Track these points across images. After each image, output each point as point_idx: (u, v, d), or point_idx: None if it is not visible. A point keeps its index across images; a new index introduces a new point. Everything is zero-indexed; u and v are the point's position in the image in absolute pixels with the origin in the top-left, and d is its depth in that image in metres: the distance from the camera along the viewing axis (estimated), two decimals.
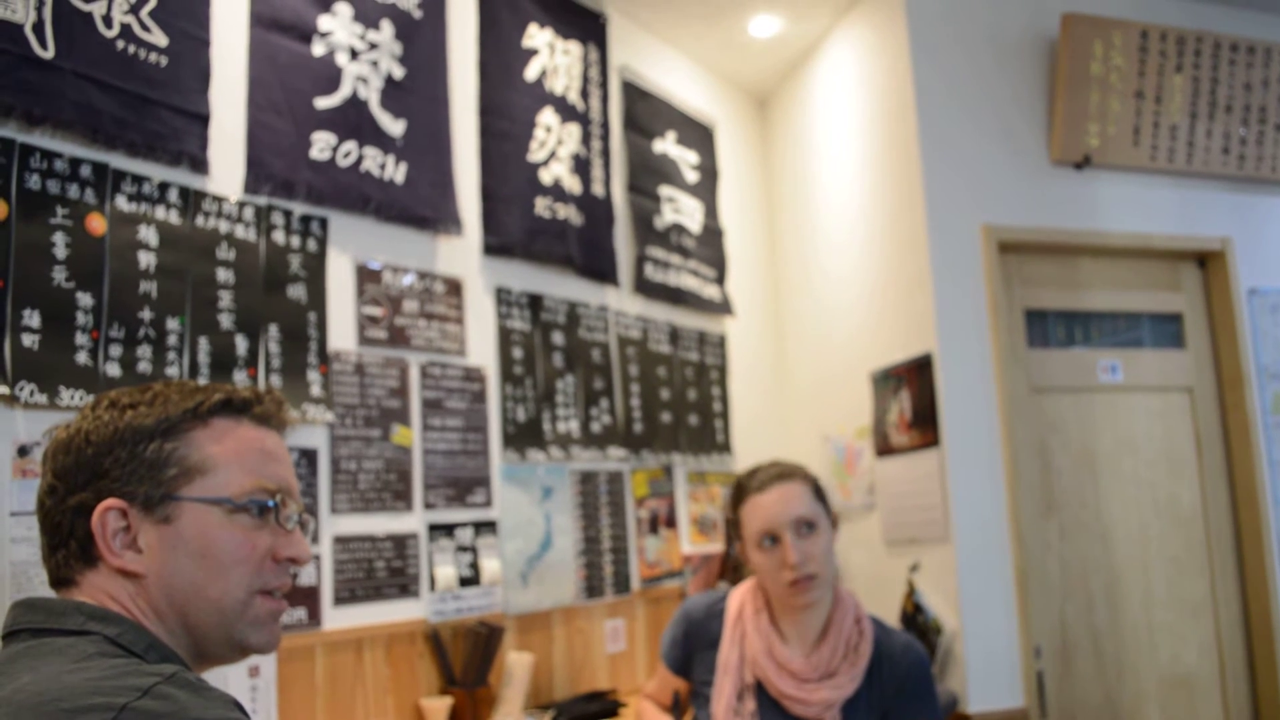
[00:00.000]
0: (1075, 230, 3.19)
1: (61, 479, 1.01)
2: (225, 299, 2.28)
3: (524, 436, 2.97)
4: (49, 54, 1.96)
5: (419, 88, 2.79)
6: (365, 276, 2.62)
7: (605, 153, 3.43)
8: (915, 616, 2.99)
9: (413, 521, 2.63)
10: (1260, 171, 3.44)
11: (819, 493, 2.05)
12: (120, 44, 2.09)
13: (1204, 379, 3.33)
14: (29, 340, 1.89)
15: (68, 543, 1.01)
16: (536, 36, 3.18)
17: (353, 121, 2.59)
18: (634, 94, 3.62)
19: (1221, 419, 3.32)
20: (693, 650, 2.16)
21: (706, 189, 3.91)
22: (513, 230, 3.01)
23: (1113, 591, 3.08)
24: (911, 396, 3.09)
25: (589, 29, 3.43)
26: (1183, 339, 3.36)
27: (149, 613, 1.00)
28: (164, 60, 2.18)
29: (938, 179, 3.07)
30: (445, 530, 2.70)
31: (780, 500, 2.00)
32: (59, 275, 1.96)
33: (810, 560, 1.96)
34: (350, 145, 2.58)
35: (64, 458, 1.02)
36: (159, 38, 2.17)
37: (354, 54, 2.61)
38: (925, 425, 3.01)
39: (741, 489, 2.07)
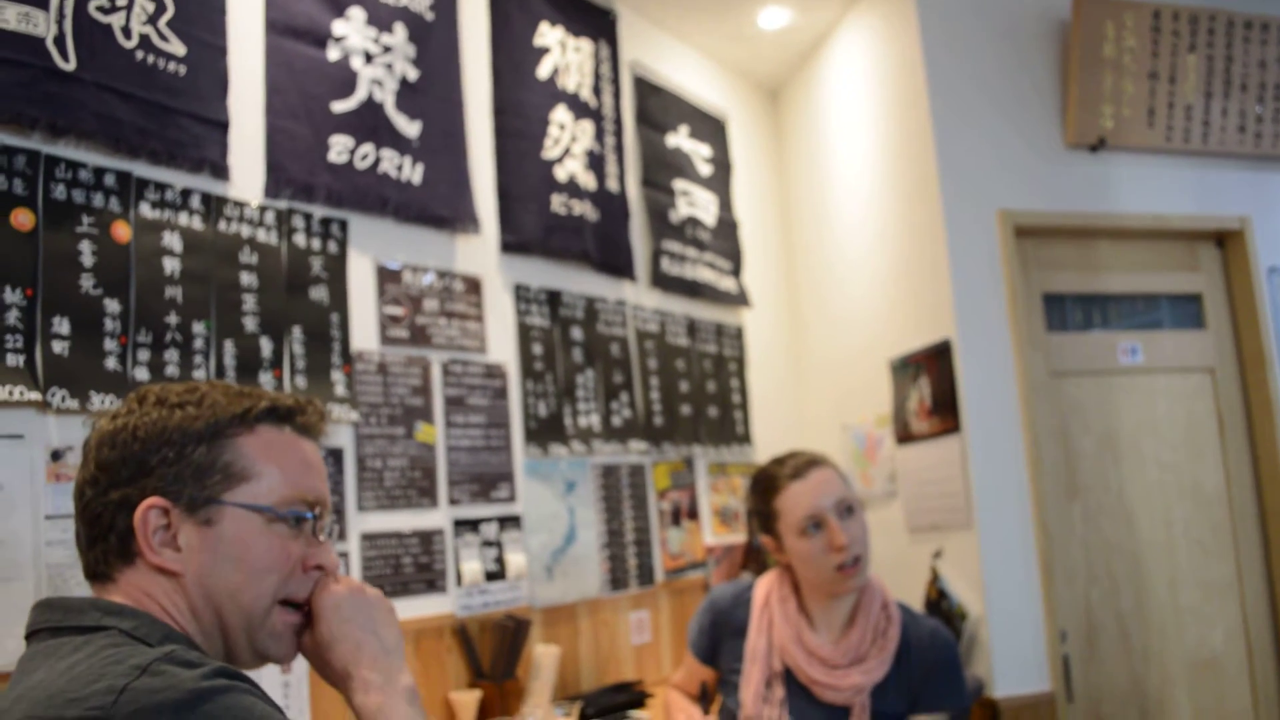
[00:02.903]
0: (1092, 213, 3.18)
1: (105, 471, 1.02)
2: (249, 302, 2.31)
3: (546, 431, 2.99)
4: (70, 66, 1.99)
5: (433, 89, 2.81)
6: (385, 277, 2.65)
7: (619, 148, 3.45)
8: (939, 603, 3.00)
9: (438, 517, 2.66)
10: (1277, 149, 3.41)
11: (846, 478, 2.09)
12: (140, 54, 2.12)
13: (1225, 359, 3.32)
14: (59, 347, 1.93)
15: (107, 537, 1.02)
16: (548, 35, 3.20)
17: (369, 124, 2.62)
18: (646, 89, 3.63)
19: (1244, 399, 3.30)
20: (720, 639, 2.18)
21: (720, 182, 3.92)
22: (530, 227, 3.03)
23: (1137, 575, 3.08)
24: (931, 383, 3.09)
25: (599, 26, 3.44)
26: (1203, 319, 3.34)
27: (185, 611, 1.02)
28: (183, 69, 2.21)
29: (952, 165, 3.07)
30: (470, 526, 2.73)
31: (822, 484, 2.02)
32: (87, 283, 2.00)
33: (857, 542, 1.98)
34: (367, 148, 2.60)
35: (109, 451, 1.03)
36: (177, 47, 2.20)
37: (368, 57, 2.64)
38: (945, 412, 3.02)
39: (773, 479, 2.08)
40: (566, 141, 3.20)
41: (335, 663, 1.08)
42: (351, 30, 2.61)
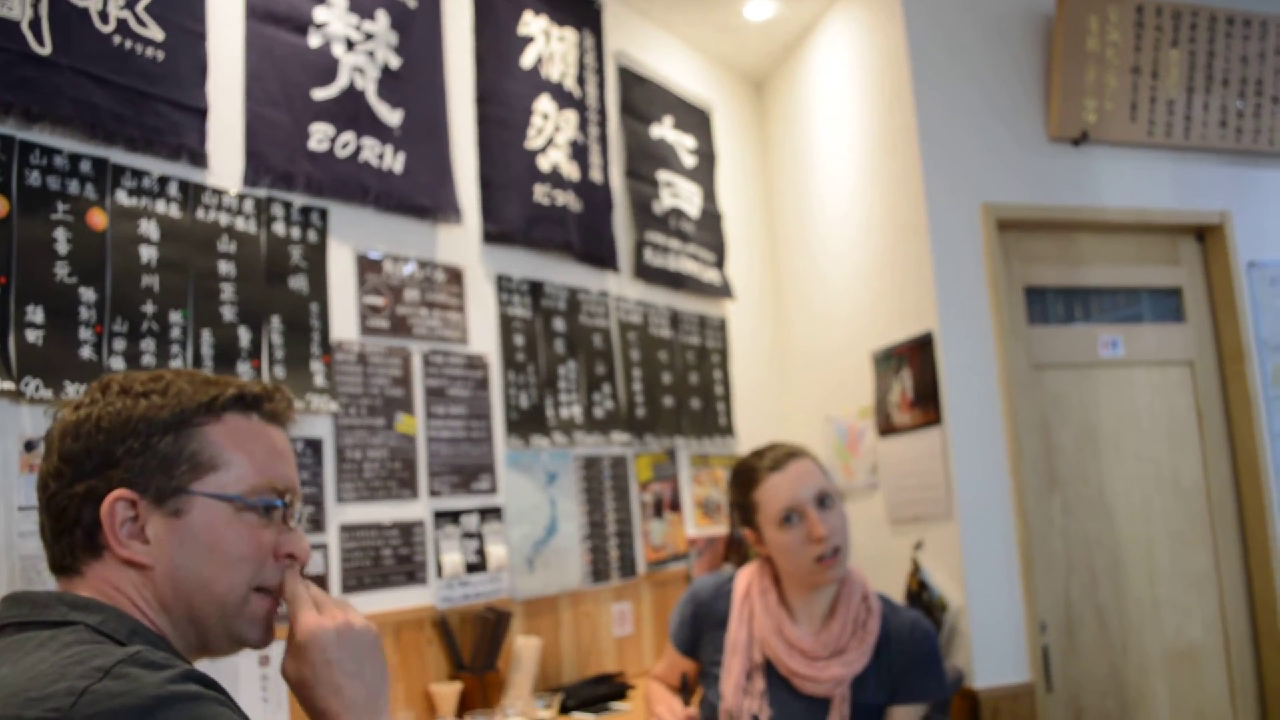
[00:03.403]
0: (1074, 206, 3.19)
1: (69, 463, 1.00)
2: (227, 291, 2.29)
3: (527, 423, 2.98)
4: (46, 50, 1.96)
5: (416, 77, 2.79)
6: (366, 266, 2.63)
7: (603, 139, 3.43)
8: (920, 594, 3.01)
9: (419, 509, 2.65)
10: (1258, 144, 3.43)
11: (825, 470, 2.08)
12: (117, 39, 2.10)
13: (1204, 352, 3.34)
14: (33, 336, 1.91)
15: (73, 530, 0.99)
16: (532, 24, 3.18)
17: (350, 112, 2.60)
18: (630, 79, 3.62)
19: (1223, 392, 3.32)
20: (701, 630, 2.17)
21: (704, 173, 3.92)
22: (512, 218, 3.02)
23: (1116, 566, 3.10)
24: (913, 375, 3.10)
25: (584, 15, 3.42)
26: (1183, 313, 3.36)
27: (154, 604, 1.00)
28: (161, 55, 2.18)
29: (936, 158, 3.07)
30: (451, 517, 2.72)
31: (800, 476, 2.02)
32: (61, 271, 1.97)
33: (835, 533, 1.98)
34: (348, 136, 2.58)
35: (72, 442, 1.00)
36: (155, 32, 2.18)
37: (350, 45, 2.62)
38: (927, 404, 3.02)
39: (753, 471, 2.08)
40: (550, 131, 3.19)
41: (314, 701, 1.05)
42: (333, 17, 2.59)
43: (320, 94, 2.54)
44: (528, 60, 3.15)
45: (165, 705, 0.81)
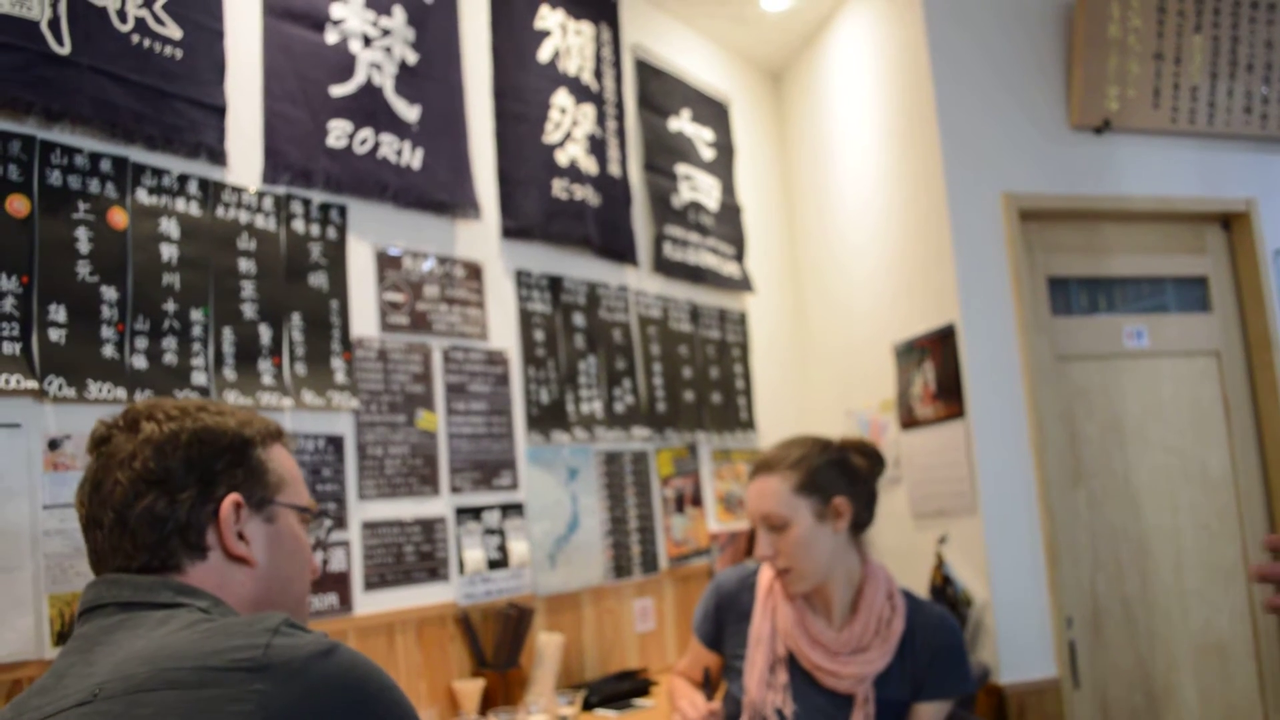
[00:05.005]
0: (1097, 196, 3.15)
1: (168, 474, 1.08)
2: (248, 289, 2.29)
3: (548, 418, 2.97)
4: (65, 50, 1.96)
5: (433, 73, 2.78)
6: (385, 263, 2.63)
7: (621, 132, 3.42)
8: (945, 589, 2.98)
9: (440, 505, 2.65)
10: None
11: (809, 483, 1.99)
12: (135, 38, 2.10)
13: (1231, 342, 3.30)
14: (56, 335, 1.91)
15: (181, 533, 1.07)
16: (548, 18, 3.17)
17: (368, 108, 2.59)
18: (647, 73, 3.60)
19: (1250, 382, 3.28)
20: (725, 623, 2.17)
21: (723, 166, 3.90)
22: (531, 213, 3.01)
23: (1143, 559, 3.07)
24: (935, 368, 3.07)
25: (600, 8, 3.41)
26: (1209, 302, 3.32)
27: (248, 600, 1.11)
28: (179, 53, 2.19)
29: (956, 148, 3.05)
30: (473, 514, 2.72)
31: (755, 495, 2.03)
32: (83, 270, 1.98)
33: (780, 556, 1.99)
34: (366, 132, 2.58)
35: (171, 454, 1.09)
36: (173, 31, 2.18)
37: (367, 41, 2.61)
38: (950, 397, 3.00)
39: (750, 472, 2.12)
40: (568, 126, 3.18)
41: None
42: (350, 13, 2.58)
43: (338, 90, 2.54)
44: (545, 54, 3.14)
45: (337, 649, 0.93)
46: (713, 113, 3.90)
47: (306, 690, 0.88)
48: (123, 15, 2.08)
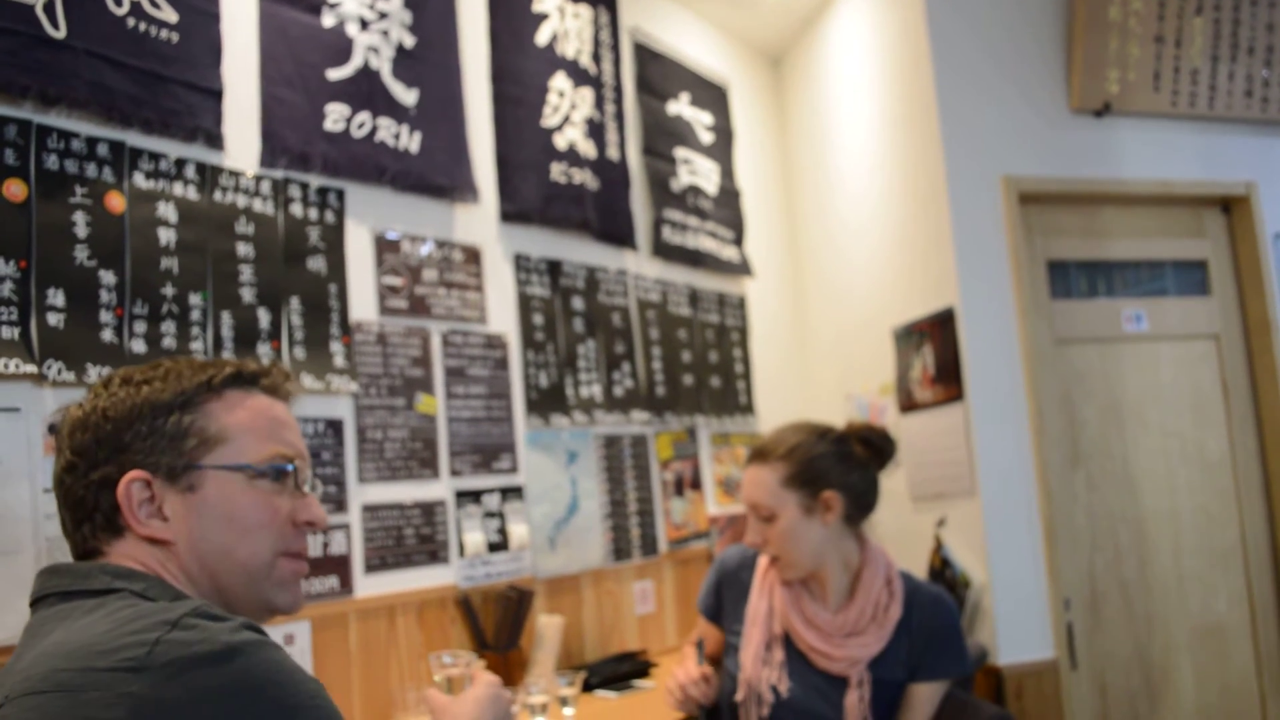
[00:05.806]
0: (1097, 179, 3.15)
1: (81, 455, 1.04)
2: (246, 273, 2.29)
3: (547, 402, 2.98)
4: (61, 34, 1.96)
5: (430, 56, 2.78)
6: (384, 247, 2.62)
7: (619, 116, 3.41)
8: (943, 571, 3.00)
9: (440, 489, 2.65)
10: None
11: (797, 475, 1.99)
12: (131, 21, 2.09)
13: (1230, 326, 3.30)
14: (54, 319, 1.91)
15: (92, 516, 1.04)
16: (547, 1, 3.16)
17: (365, 92, 2.59)
18: (646, 56, 3.59)
19: (1249, 366, 3.28)
20: (725, 599, 2.20)
21: (722, 150, 3.89)
22: (529, 196, 3.01)
23: (1141, 542, 3.08)
24: (934, 351, 3.08)
25: None
26: (1208, 286, 3.32)
27: (180, 576, 1.04)
28: (175, 36, 2.18)
29: (956, 131, 3.04)
30: (472, 497, 2.72)
31: (747, 484, 2.06)
32: (81, 254, 1.98)
33: (767, 545, 2.01)
34: (364, 116, 2.57)
35: (82, 435, 1.05)
36: (169, 14, 2.17)
37: (364, 24, 2.60)
38: (949, 380, 3.00)
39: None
40: (566, 109, 3.17)
41: None
42: None
43: (335, 74, 2.53)
44: (543, 37, 3.13)
45: (239, 651, 0.84)
46: (712, 96, 3.89)
47: (187, 696, 0.79)
48: None
